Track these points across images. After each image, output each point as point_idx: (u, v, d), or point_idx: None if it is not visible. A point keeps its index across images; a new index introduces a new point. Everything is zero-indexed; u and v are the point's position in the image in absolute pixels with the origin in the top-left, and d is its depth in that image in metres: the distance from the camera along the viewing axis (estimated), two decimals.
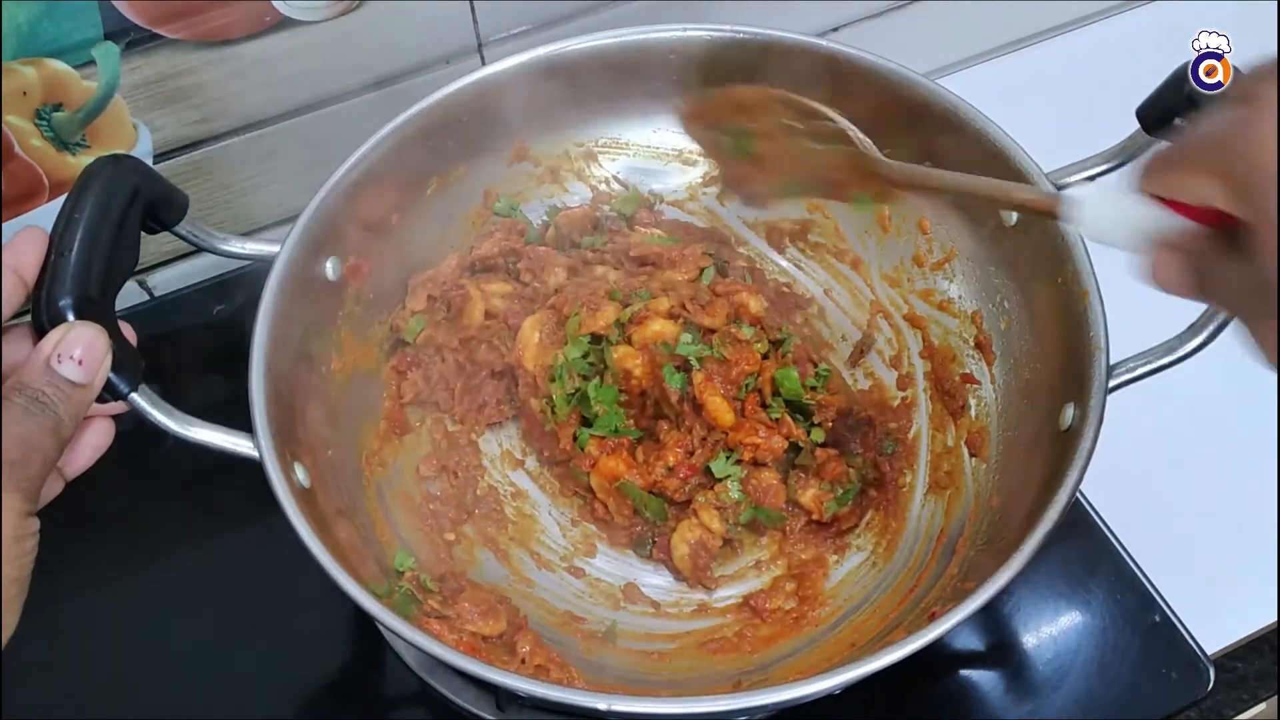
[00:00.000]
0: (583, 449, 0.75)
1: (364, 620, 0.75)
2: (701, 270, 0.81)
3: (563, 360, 0.75)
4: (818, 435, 0.76)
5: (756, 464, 0.75)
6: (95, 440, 0.55)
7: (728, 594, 0.75)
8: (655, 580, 0.76)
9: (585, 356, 0.76)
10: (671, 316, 0.76)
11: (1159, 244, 0.43)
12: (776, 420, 0.75)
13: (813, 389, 0.77)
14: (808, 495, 0.75)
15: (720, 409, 0.73)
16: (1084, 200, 0.47)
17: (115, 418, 0.56)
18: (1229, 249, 0.40)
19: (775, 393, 0.76)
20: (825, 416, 0.77)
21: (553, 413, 0.76)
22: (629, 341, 0.75)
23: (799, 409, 0.76)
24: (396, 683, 0.75)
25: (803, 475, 0.76)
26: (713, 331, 0.76)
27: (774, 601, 0.73)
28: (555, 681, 0.64)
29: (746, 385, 0.75)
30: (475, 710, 0.72)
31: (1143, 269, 0.44)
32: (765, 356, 0.77)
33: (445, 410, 0.80)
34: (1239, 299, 0.42)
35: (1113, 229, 0.46)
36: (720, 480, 0.74)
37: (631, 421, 0.76)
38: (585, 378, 0.75)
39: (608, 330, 0.75)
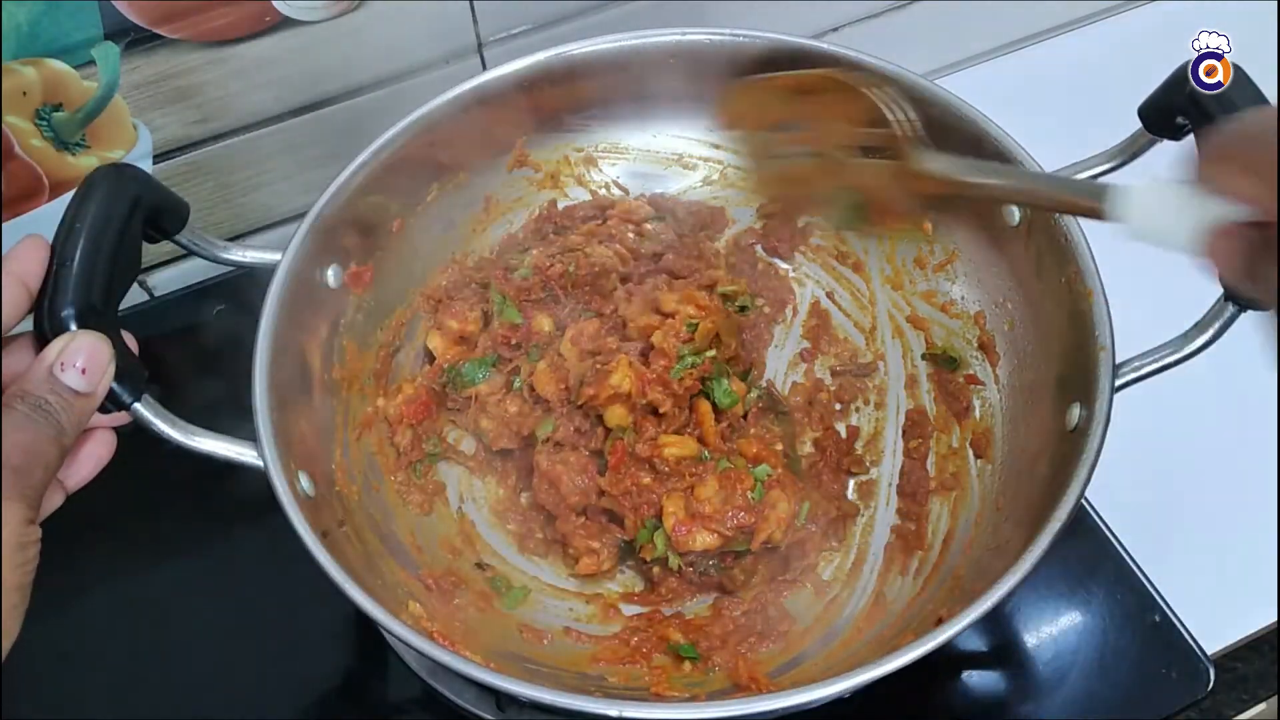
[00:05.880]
0: None
1: (365, 622, 0.74)
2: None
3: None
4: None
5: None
6: (97, 451, 0.55)
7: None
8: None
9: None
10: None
11: (1214, 233, 0.43)
12: None
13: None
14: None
15: None
16: (1132, 198, 0.47)
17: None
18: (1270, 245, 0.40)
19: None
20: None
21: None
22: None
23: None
24: (398, 685, 0.75)
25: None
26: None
27: None
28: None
29: None
30: (476, 711, 0.72)
31: (1198, 246, 0.44)
32: None
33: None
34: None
35: (1165, 225, 0.45)
36: None
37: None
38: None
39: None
